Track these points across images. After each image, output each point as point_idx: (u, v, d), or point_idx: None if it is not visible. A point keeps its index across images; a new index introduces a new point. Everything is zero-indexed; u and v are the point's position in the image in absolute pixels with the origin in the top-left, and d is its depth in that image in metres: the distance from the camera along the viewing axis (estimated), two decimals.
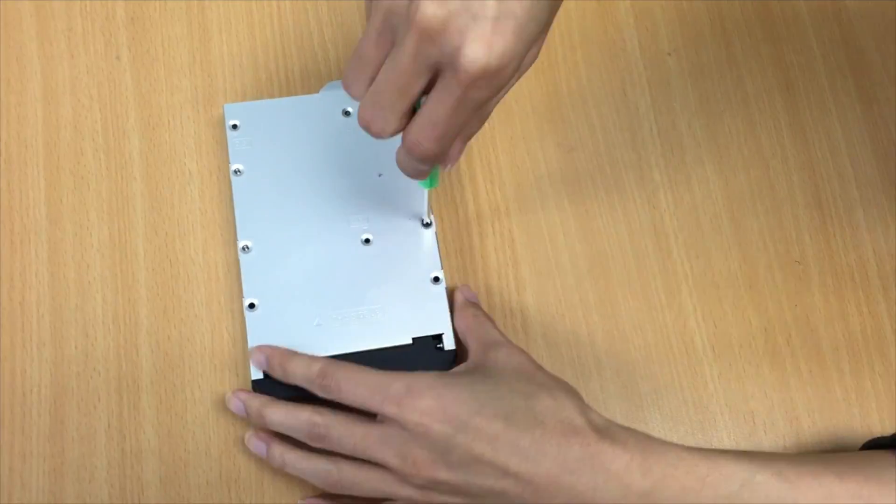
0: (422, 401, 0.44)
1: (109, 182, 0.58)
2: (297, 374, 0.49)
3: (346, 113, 0.57)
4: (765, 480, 0.42)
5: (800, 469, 0.42)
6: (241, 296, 0.55)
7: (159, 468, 0.52)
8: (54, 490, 0.52)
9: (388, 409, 0.44)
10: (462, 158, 0.59)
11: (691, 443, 0.53)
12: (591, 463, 0.42)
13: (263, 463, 0.52)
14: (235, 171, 0.55)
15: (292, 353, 0.51)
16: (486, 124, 0.59)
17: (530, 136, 0.60)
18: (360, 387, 0.46)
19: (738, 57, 0.62)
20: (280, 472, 0.52)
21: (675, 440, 0.53)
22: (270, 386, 0.51)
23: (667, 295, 0.56)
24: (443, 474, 0.43)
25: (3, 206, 0.57)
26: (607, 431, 0.43)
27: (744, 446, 0.53)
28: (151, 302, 0.55)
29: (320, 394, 0.48)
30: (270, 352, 0.51)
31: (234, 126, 0.56)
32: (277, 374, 0.50)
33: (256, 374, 0.51)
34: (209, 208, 0.57)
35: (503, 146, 0.59)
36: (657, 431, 0.53)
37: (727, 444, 0.53)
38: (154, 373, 0.54)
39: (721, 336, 0.56)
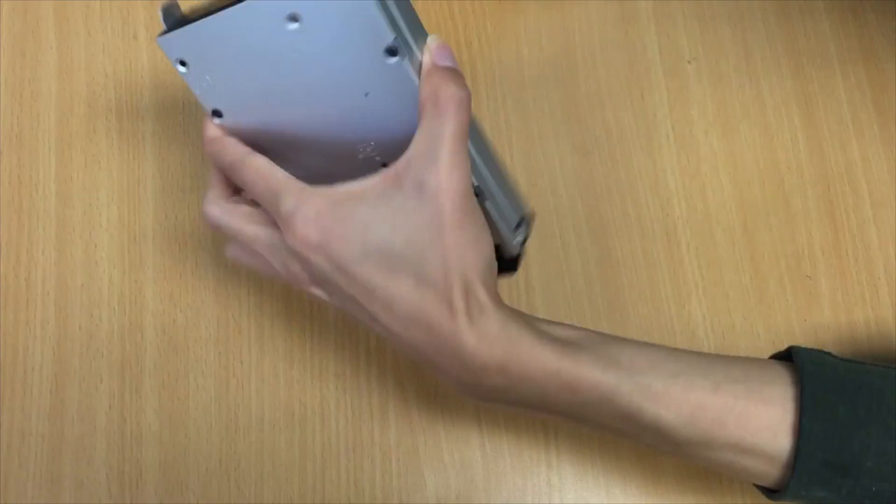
0: (305, 230, 0.40)
1: (121, 162, 0.57)
2: (224, 159, 0.44)
3: (293, 18, 0.39)
4: (628, 392, 0.40)
5: (673, 380, 0.41)
6: (248, 283, 0.54)
7: (159, 452, 0.52)
8: (52, 470, 0.51)
9: (277, 221, 0.41)
10: None
11: None
12: (453, 352, 0.39)
13: (264, 452, 0.52)
14: (215, 114, 0.45)
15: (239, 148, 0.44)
16: (504, 124, 0.59)
17: (546, 138, 0.59)
18: (257, 187, 0.42)
19: (757, 68, 0.62)
20: (280, 462, 0.51)
21: None
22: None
23: (676, 304, 0.56)
24: (318, 293, 0.42)
25: (12, 181, 0.56)
26: (477, 324, 0.39)
27: None
28: (158, 285, 0.55)
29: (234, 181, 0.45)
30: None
31: (183, 63, 0.44)
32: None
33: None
34: None
35: (519, 146, 0.59)
36: None
37: None
38: (158, 356, 0.54)
39: (729, 348, 0.55)
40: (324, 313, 0.55)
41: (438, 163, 0.38)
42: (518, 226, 0.45)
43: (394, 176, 0.39)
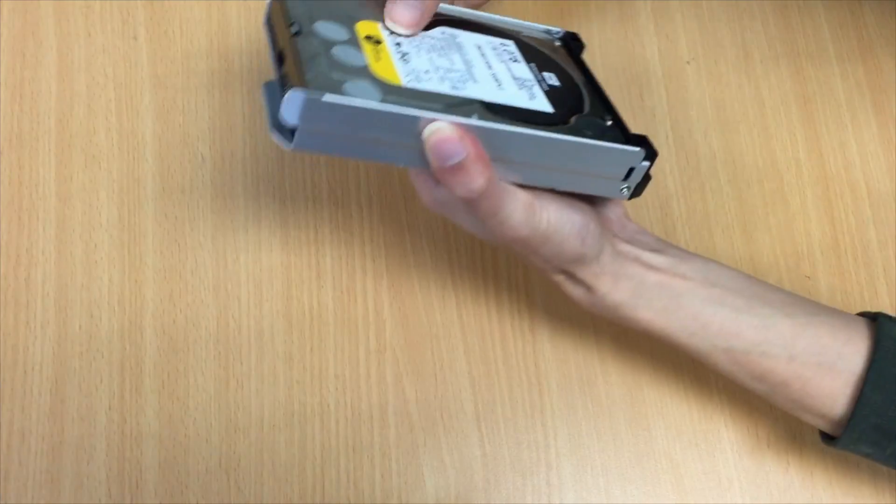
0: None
1: (121, 162, 0.57)
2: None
3: None
4: (707, 353, 0.46)
5: (754, 347, 0.45)
6: (248, 284, 0.54)
7: (158, 452, 0.52)
8: (52, 469, 0.51)
9: None
10: None
11: (693, 455, 0.53)
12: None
13: (263, 452, 0.52)
14: None
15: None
16: None
17: None
18: None
19: (756, 68, 0.62)
20: (279, 462, 0.52)
21: (677, 449, 0.53)
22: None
23: None
24: None
25: (12, 181, 0.56)
26: (581, 294, 0.46)
27: (746, 460, 0.53)
28: (158, 285, 0.55)
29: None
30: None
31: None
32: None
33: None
34: (220, 194, 0.57)
35: None
36: (660, 438, 0.53)
37: (729, 455, 0.53)
38: (157, 356, 0.54)
39: None
40: (324, 313, 0.55)
41: (488, 228, 0.42)
42: (628, 174, 0.44)
43: None
